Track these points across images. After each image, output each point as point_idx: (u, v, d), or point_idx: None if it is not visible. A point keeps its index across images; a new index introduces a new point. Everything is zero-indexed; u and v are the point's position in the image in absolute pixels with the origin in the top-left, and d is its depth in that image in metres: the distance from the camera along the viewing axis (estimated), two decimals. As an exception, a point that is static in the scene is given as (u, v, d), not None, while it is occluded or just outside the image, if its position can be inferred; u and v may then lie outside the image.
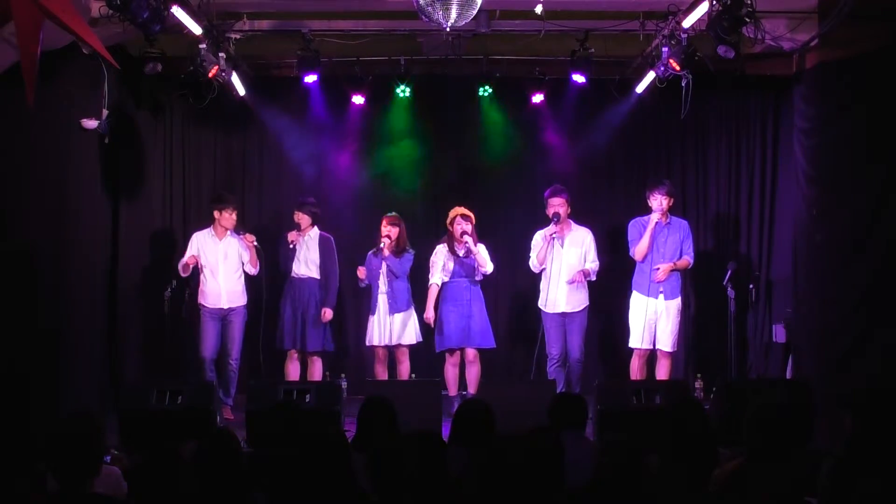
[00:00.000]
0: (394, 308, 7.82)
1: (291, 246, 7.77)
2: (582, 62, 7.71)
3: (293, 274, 7.84)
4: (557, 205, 7.71)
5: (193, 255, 7.68)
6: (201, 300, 7.76)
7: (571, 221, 7.87)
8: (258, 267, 7.82)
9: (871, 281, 7.03)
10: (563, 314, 7.79)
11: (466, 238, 7.67)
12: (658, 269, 7.57)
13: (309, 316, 7.80)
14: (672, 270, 7.63)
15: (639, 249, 7.66)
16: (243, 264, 7.78)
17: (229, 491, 3.56)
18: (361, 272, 7.79)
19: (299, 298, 7.82)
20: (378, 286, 7.83)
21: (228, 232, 7.73)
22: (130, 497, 4.02)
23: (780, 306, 8.54)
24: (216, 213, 7.75)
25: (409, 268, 7.88)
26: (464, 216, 7.75)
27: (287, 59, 7.99)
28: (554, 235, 7.70)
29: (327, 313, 7.83)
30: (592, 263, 7.80)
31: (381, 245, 7.72)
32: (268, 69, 8.40)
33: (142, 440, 6.08)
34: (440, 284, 7.83)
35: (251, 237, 7.75)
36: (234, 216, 7.75)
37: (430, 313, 7.79)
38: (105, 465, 4.12)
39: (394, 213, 7.89)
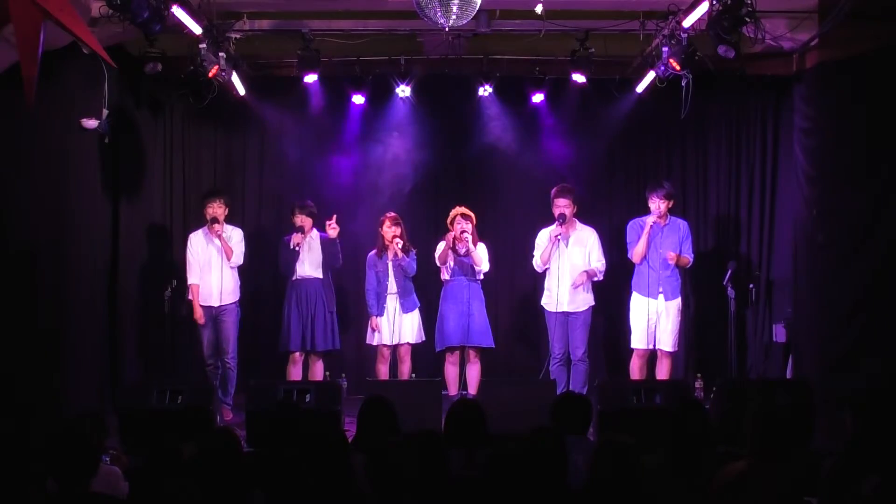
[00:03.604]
0: (406, 307, 7.84)
1: (296, 248, 7.74)
2: (582, 62, 7.71)
3: (297, 276, 7.81)
4: (563, 206, 7.69)
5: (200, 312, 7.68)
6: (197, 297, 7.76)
7: (577, 221, 7.85)
8: (234, 255, 7.67)
9: (871, 281, 7.03)
10: (567, 313, 7.78)
11: (466, 236, 7.67)
12: (668, 257, 7.58)
13: (317, 317, 7.79)
14: (675, 264, 7.64)
15: (636, 252, 7.66)
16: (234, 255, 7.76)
17: (229, 491, 3.56)
18: (375, 325, 7.79)
19: (305, 300, 7.79)
20: (387, 287, 7.82)
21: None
22: (130, 497, 4.02)
23: (780, 306, 8.54)
24: (205, 210, 7.75)
25: (415, 266, 7.89)
26: (464, 216, 7.75)
27: (287, 58, 7.98)
28: (558, 236, 7.70)
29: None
30: (598, 263, 7.78)
31: (397, 245, 7.69)
32: (268, 69, 8.40)
33: (142, 440, 6.08)
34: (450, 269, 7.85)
35: (217, 227, 7.62)
36: (216, 206, 7.64)
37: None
38: (105, 464, 4.13)
39: (394, 214, 7.88)
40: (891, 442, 3.72)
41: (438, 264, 7.88)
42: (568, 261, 7.75)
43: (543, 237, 7.81)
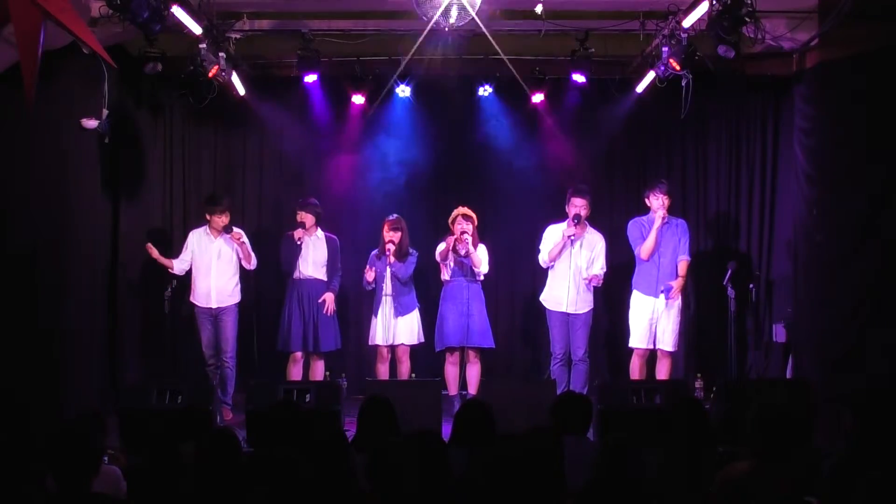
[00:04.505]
0: (399, 311, 7.81)
1: (298, 243, 7.73)
2: (582, 62, 7.71)
3: (298, 275, 7.81)
4: (580, 206, 7.67)
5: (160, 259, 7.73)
6: (192, 299, 7.79)
7: (587, 224, 7.84)
8: (253, 261, 7.80)
9: (871, 281, 7.03)
10: (568, 314, 7.77)
11: (466, 237, 7.66)
12: (671, 287, 7.59)
13: (320, 317, 7.79)
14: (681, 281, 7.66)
15: (645, 248, 7.64)
16: (240, 260, 7.78)
17: (229, 491, 3.56)
18: (370, 275, 7.76)
19: (307, 300, 7.79)
20: (382, 288, 7.81)
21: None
22: (130, 497, 4.02)
23: (780, 306, 8.53)
24: (207, 215, 7.77)
25: (413, 270, 7.87)
26: (465, 216, 7.74)
27: (287, 59, 7.98)
28: (572, 237, 7.67)
29: (329, 297, 7.80)
30: (601, 270, 7.79)
31: (387, 252, 7.69)
32: (268, 69, 8.39)
33: (142, 440, 6.08)
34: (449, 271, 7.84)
35: (238, 233, 7.70)
36: (223, 218, 7.71)
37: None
38: (104, 464, 4.12)
39: (395, 217, 7.86)
40: (891, 442, 3.72)
41: (438, 260, 7.87)
42: (574, 263, 7.73)
43: (552, 232, 7.78)
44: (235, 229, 7.73)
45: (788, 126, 8.33)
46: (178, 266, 7.79)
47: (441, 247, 7.86)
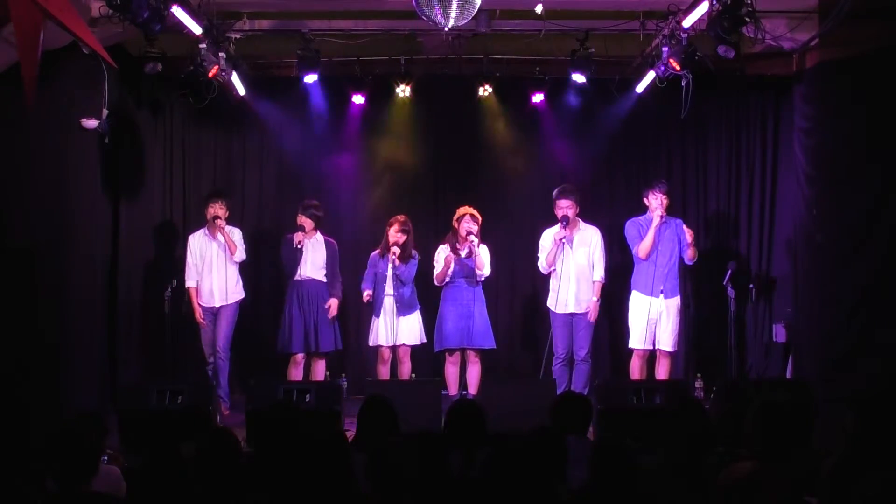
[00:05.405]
0: (401, 311, 7.80)
1: (299, 247, 7.73)
2: (582, 62, 7.71)
3: (298, 276, 7.81)
4: (566, 207, 7.67)
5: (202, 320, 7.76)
6: (198, 299, 7.79)
7: (580, 220, 7.83)
8: (238, 254, 7.76)
9: (871, 281, 7.03)
10: (572, 314, 7.76)
11: (472, 238, 7.65)
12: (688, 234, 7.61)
13: (320, 318, 7.78)
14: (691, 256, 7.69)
15: (643, 247, 7.64)
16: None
17: (229, 491, 3.56)
18: (367, 297, 7.78)
19: (307, 301, 7.78)
20: (384, 289, 7.80)
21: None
22: (130, 497, 4.02)
23: (780, 306, 8.53)
24: (205, 211, 7.78)
25: (415, 272, 7.87)
26: (472, 216, 7.73)
27: (287, 59, 7.98)
28: (563, 239, 7.67)
29: (333, 303, 7.80)
30: (599, 275, 7.76)
31: (392, 255, 7.67)
32: (268, 69, 8.39)
33: (141, 440, 6.08)
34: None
35: (220, 222, 7.68)
36: (215, 208, 7.69)
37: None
38: (104, 464, 4.12)
39: (404, 218, 7.81)
40: (891, 442, 3.71)
41: (437, 283, 7.85)
42: (573, 262, 7.73)
43: (547, 238, 7.79)
44: (219, 220, 7.68)
45: (788, 126, 8.33)
46: (194, 282, 7.80)
47: (439, 262, 7.81)
